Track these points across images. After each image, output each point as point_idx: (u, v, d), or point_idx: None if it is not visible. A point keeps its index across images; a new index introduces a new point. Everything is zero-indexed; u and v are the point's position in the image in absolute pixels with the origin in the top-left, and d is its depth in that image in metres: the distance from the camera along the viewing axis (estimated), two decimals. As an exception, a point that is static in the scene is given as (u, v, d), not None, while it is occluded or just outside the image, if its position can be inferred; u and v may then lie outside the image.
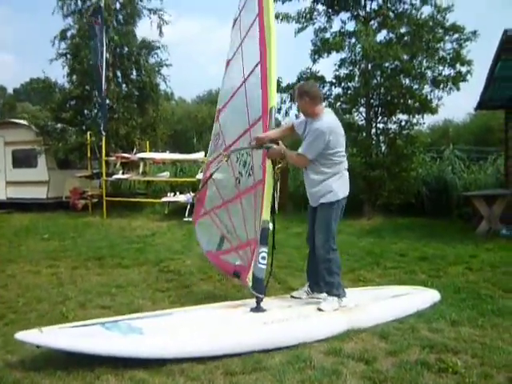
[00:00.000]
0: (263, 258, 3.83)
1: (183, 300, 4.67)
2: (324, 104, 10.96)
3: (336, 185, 4.01)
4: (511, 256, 6.64)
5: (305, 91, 4.11)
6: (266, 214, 3.91)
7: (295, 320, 3.67)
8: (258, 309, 3.81)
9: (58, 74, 24.27)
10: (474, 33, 10.76)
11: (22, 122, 14.36)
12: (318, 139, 3.93)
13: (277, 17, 11.43)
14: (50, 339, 3.07)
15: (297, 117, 11.75)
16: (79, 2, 13.96)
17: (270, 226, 3.97)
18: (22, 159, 14.18)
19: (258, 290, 3.84)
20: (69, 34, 13.99)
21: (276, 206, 4.19)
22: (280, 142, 4.10)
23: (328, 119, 4.07)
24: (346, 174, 4.14)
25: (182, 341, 3.24)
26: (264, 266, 3.84)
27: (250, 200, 4.38)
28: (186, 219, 10.70)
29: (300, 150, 4.06)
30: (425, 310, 4.22)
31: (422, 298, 4.47)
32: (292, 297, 4.39)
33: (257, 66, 4.52)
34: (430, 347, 3.38)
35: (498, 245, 7.41)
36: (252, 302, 3.91)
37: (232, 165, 4.79)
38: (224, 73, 5.85)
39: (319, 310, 3.90)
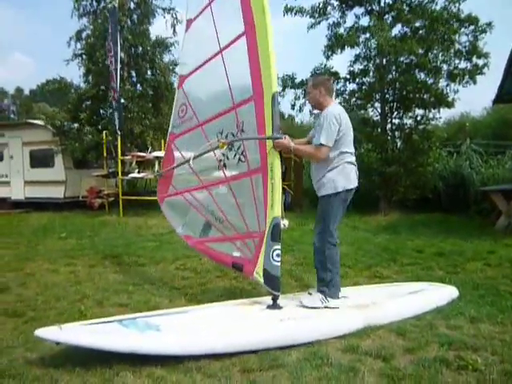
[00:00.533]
0: (278, 255, 3.79)
1: (200, 297, 4.68)
2: (337, 101, 10.97)
3: (337, 177, 3.95)
4: (531, 251, 6.55)
5: (321, 82, 4.14)
6: (277, 210, 3.82)
7: (312, 317, 3.65)
8: (274, 306, 3.80)
9: (74, 74, 24.59)
10: (489, 24, 10.61)
11: (38, 122, 14.55)
12: (331, 123, 3.88)
13: (290, 10, 11.42)
14: (69, 336, 3.09)
15: (311, 113, 11.74)
16: (94, 3, 14.14)
17: (286, 222, 3.92)
18: (40, 159, 14.36)
19: (273, 287, 3.82)
20: (84, 34, 14.17)
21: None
22: (287, 136, 4.02)
23: (336, 108, 4.07)
24: (351, 167, 4.05)
25: (199, 338, 3.25)
26: (279, 264, 3.82)
27: (245, 188, 4.20)
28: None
29: (316, 142, 3.97)
30: (443, 306, 4.18)
31: (439, 294, 4.42)
32: (310, 294, 4.37)
33: (240, 37, 4.20)
34: (449, 344, 3.34)
35: (517, 240, 7.30)
36: (268, 300, 3.90)
37: (212, 145, 4.46)
38: (184, 34, 5.26)
39: (300, 302, 3.91)
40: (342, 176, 3.97)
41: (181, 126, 5.12)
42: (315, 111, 4.45)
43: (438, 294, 4.40)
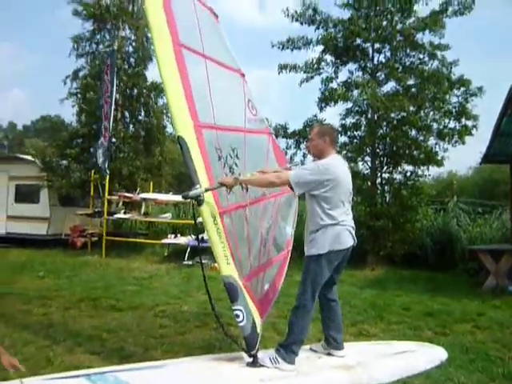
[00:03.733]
0: (237, 316, 3.54)
1: (177, 348, 4.45)
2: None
3: (320, 238, 3.71)
4: (520, 315, 6.40)
5: (327, 131, 4.01)
6: (225, 269, 3.56)
7: (293, 378, 3.44)
8: (254, 363, 3.58)
9: (68, 112, 24.81)
10: (480, 88, 10.89)
11: (27, 157, 14.43)
12: (314, 169, 3.72)
13: (285, 67, 11.66)
14: None
15: (302, 163, 11.80)
16: (93, 45, 14.40)
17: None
18: (25, 194, 14.15)
19: (246, 345, 3.60)
20: (81, 74, 14.33)
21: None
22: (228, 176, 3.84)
23: (333, 161, 3.85)
24: (338, 228, 3.73)
25: None
26: (243, 323, 3.55)
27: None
28: (185, 262, 10.50)
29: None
30: (431, 369, 3.99)
31: (428, 356, 4.23)
32: (311, 349, 4.15)
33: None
34: (439, 414, 3.15)
35: (505, 302, 7.14)
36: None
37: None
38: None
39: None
40: (327, 237, 3.70)
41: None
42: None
43: (426, 356, 4.21)
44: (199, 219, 3.88)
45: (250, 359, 3.60)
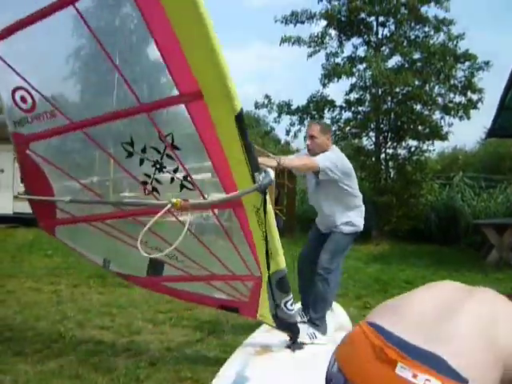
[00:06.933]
0: (291, 304, 3.34)
1: (184, 323, 4.56)
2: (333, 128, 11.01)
3: (357, 218, 3.91)
4: (523, 287, 6.48)
5: (329, 128, 4.09)
6: (282, 263, 3.17)
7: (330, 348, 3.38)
8: (298, 346, 3.46)
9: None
10: (487, 63, 10.79)
11: (32, 137, 14.42)
12: (335, 157, 3.75)
13: (288, 40, 11.55)
14: None
15: (305, 139, 11.80)
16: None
17: None
18: (31, 174, 14.17)
19: (293, 331, 3.53)
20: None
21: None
22: (269, 154, 3.81)
23: (339, 151, 3.97)
24: (363, 207, 4.02)
25: None
26: (293, 311, 3.36)
27: (209, 225, 3.25)
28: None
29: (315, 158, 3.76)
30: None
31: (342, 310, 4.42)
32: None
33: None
34: None
35: (508, 275, 7.23)
36: (262, 336, 3.66)
37: (120, 164, 2.86)
38: None
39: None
40: (361, 216, 3.96)
41: (33, 123, 3.13)
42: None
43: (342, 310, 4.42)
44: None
45: (288, 341, 3.48)
